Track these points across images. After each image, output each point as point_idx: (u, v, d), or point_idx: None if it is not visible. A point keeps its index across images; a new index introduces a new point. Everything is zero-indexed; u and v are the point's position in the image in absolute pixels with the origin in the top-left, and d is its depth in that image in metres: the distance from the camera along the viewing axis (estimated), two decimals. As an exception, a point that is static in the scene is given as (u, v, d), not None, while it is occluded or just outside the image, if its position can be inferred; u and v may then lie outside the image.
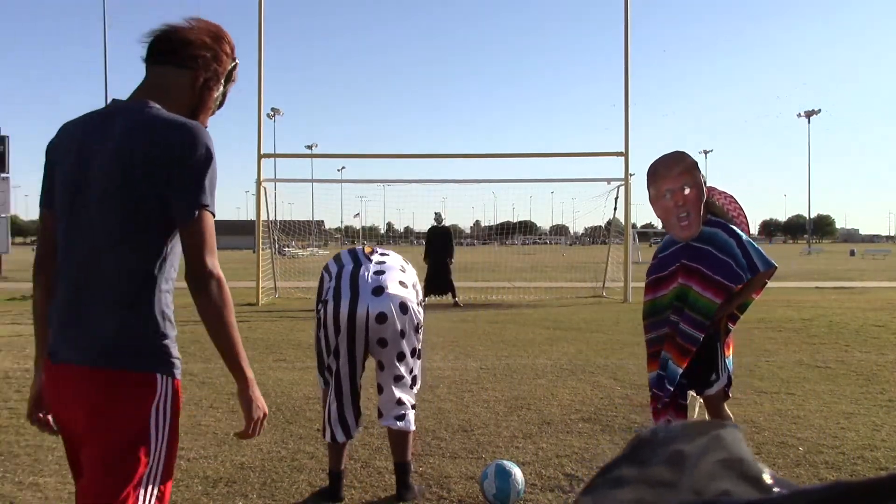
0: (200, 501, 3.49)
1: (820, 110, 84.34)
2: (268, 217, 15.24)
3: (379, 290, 3.41)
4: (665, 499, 0.58)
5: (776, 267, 3.46)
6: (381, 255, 3.71)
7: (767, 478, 0.59)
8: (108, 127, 1.74)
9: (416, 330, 3.54)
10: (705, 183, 3.52)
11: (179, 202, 1.69)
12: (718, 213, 3.60)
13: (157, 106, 1.76)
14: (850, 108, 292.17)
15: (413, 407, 3.59)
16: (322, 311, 3.47)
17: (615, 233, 16.73)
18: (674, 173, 3.47)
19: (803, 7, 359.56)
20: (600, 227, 21.29)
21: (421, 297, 3.75)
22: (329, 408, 3.52)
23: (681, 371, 3.45)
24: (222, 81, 1.91)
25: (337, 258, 3.73)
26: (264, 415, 1.82)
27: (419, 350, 3.63)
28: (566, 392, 5.82)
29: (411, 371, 3.58)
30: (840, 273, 26.07)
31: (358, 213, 30.42)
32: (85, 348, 1.69)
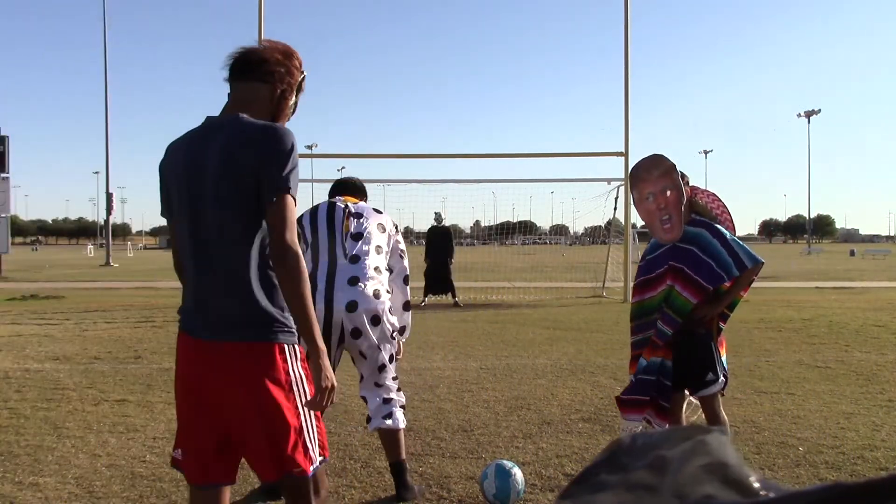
0: (200, 501, 3.49)
1: (820, 110, 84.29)
2: (268, 217, 15.22)
3: (353, 306, 3.36)
4: (647, 503, 0.57)
5: (763, 263, 3.49)
6: (356, 234, 3.50)
7: (755, 483, 0.59)
8: (211, 140, 2.05)
9: (392, 336, 3.52)
10: (687, 183, 3.55)
11: (265, 187, 1.97)
12: (703, 213, 3.62)
13: (246, 115, 2.06)
14: (850, 108, 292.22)
15: (402, 407, 3.60)
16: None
17: (615, 233, 16.73)
18: (653, 176, 3.49)
19: (803, 7, 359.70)
20: (600, 227, 21.28)
21: (405, 264, 3.72)
22: None
23: (646, 363, 3.46)
24: (295, 91, 2.21)
25: (314, 220, 3.55)
26: (333, 386, 1.98)
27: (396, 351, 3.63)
28: (566, 392, 5.82)
29: (395, 377, 3.60)
30: (840, 273, 26.07)
31: (358, 213, 30.41)
32: (220, 326, 2.01)
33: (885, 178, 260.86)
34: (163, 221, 2.26)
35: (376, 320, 3.41)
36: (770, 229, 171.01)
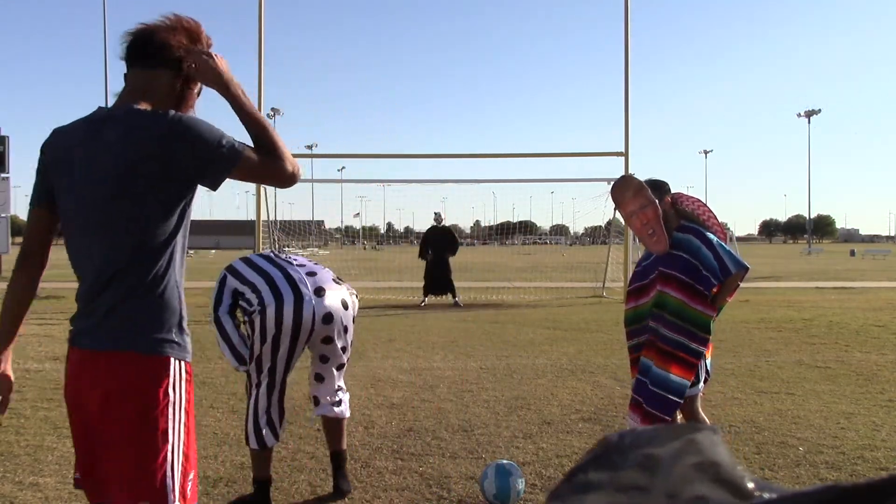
0: (200, 501, 3.49)
1: (820, 110, 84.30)
2: (268, 217, 15.23)
3: (320, 291, 3.41)
4: (638, 503, 0.57)
5: (748, 268, 3.54)
6: (294, 258, 3.64)
7: (748, 482, 0.58)
8: (99, 134, 1.78)
9: (353, 321, 3.61)
10: (668, 191, 3.66)
11: (211, 168, 1.76)
12: (691, 219, 3.67)
13: (140, 107, 1.79)
14: (850, 108, 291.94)
15: (346, 391, 3.72)
16: (261, 314, 3.28)
17: (615, 233, 16.73)
18: (627, 198, 3.62)
19: (804, 6, 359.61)
20: (600, 227, 21.28)
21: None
22: (256, 411, 3.41)
23: (688, 384, 3.47)
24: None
25: (248, 261, 3.56)
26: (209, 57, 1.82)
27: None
28: (566, 392, 5.82)
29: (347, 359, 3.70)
30: (840, 273, 26.06)
31: (358, 213, 30.51)
32: (102, 336, 1.78)
33: (885, 178, 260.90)
34: None
35: (345, 304, 3.50)
36: (770, 229, 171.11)
